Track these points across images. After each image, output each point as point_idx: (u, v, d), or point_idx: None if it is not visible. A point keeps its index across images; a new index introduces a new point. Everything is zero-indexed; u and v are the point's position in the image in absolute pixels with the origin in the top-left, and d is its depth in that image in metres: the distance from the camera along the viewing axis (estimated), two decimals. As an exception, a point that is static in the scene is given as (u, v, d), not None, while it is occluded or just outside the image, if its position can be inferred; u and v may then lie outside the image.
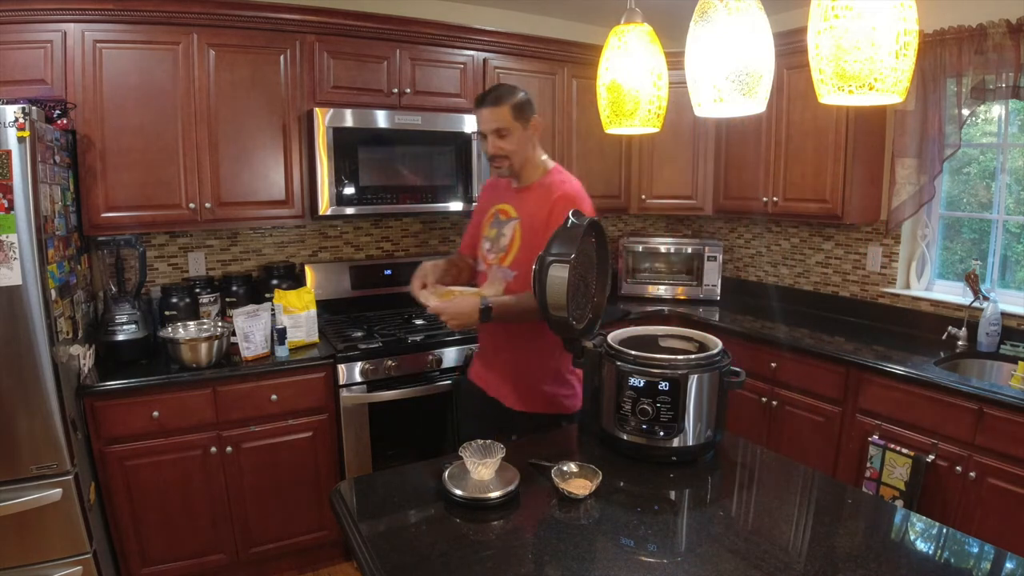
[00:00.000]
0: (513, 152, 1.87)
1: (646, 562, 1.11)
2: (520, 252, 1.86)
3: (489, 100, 1.84)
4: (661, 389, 1.43)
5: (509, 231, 1.91)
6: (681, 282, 3.71)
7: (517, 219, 1.90)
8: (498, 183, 2.04)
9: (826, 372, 2.64)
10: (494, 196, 2.02)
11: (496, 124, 1.84)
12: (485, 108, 1.85)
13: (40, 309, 1.89)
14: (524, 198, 1.92)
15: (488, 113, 1.84)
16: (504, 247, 1.91)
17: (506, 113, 1.83)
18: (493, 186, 2.08)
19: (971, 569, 1.10)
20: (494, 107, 1.83)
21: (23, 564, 1.98)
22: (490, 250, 1.95)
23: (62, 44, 2.25)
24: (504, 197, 1.98)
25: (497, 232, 1.94)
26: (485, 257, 1.97)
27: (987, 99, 2.60)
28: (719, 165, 3.52)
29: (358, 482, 1.38)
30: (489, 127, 1.85)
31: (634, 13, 1.53)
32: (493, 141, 1.85)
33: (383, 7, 2.88)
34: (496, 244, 1.93)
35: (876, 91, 1.02)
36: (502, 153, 1.86)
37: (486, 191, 2.10)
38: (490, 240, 1.96)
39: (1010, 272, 2.81)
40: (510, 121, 1.84)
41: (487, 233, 1.98)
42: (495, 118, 1.84)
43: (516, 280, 1.86)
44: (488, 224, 1.99)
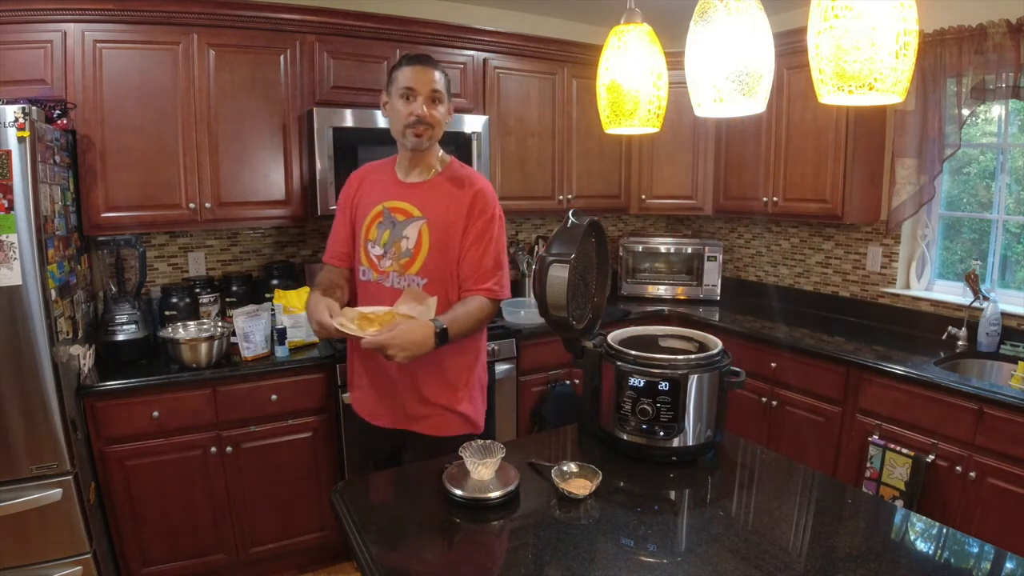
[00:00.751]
0: (438, 124, 1.68)
1: (646, 562, 1.11)
2: (430, 256, 1.67)
3: (429, 61, 1.68)
4: (661, 389, 1.43)
5: (413, 233, 1.68)
6: (681, 282, 3.71)
7: (423, 219, 1.67)
8: (372, 177, 1.79)
9: (826, 372, 2.64)
10: (373, 193, 1.75)
11: (434, 85, 1.65)
12: (424, 66, 1.65)
13: (40, 309, 1.89)
14: (427, 194, 1.70)
15: (425, 73, 1.64)
16: (408, 252, 1.68)
17: (442, 79, 1.68)
18: (368, 181, 1.79)
19: (971, 569, 1.10)
20: (434, 68, 1.66)
21: (23, 564, 1.98)
22: (385, 256, 1.70)
23: (62, 44, 2.25)
24: (393, 193, 1.72)
25: (393, 235, 1.69)
26: (375, 265, 1.71)
27: (987, 99, 2.60)
28: (719, 165, 3.52)
29: (358, 482, 1.38)
30: (426, 87, 1.64)
31: (634, 13, 1.53)
32: (426, 104, 1.64)
33: (383, 7, 2.88)
34: (394, 249, 1.69)
35: (876, 91, 1.01)
36: (430, 121, 1.65)
37: (356, 187, 1.80)
38: (382, 245, 1.70)
39: (1010, 272, 2.81)
40: (445, 90, 1.68)
41: (374, 236, 1.71)
42: (434, 79, 1.65)
43: (427, 289, 1.68)
44: (375, 226, 1.71)
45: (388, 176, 1.76)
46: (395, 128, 1.69)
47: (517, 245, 3.63)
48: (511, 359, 2.92)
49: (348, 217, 1.80)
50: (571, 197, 3.41)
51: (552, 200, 3.37)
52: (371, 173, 1.81)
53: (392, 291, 1.70)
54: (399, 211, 1.70)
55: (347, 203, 1.81)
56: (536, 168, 3.30)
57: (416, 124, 1.64)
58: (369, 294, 1.75)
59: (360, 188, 1.80)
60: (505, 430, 2.94)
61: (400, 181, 1.74)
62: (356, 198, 1.79)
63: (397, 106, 1.66)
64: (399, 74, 1.66)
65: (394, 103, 1.68)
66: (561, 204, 3.39)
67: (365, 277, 1.75)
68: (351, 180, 1.84)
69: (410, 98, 1.65)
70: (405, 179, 1.74)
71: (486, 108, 3.10)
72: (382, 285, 1.72)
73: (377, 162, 1.86)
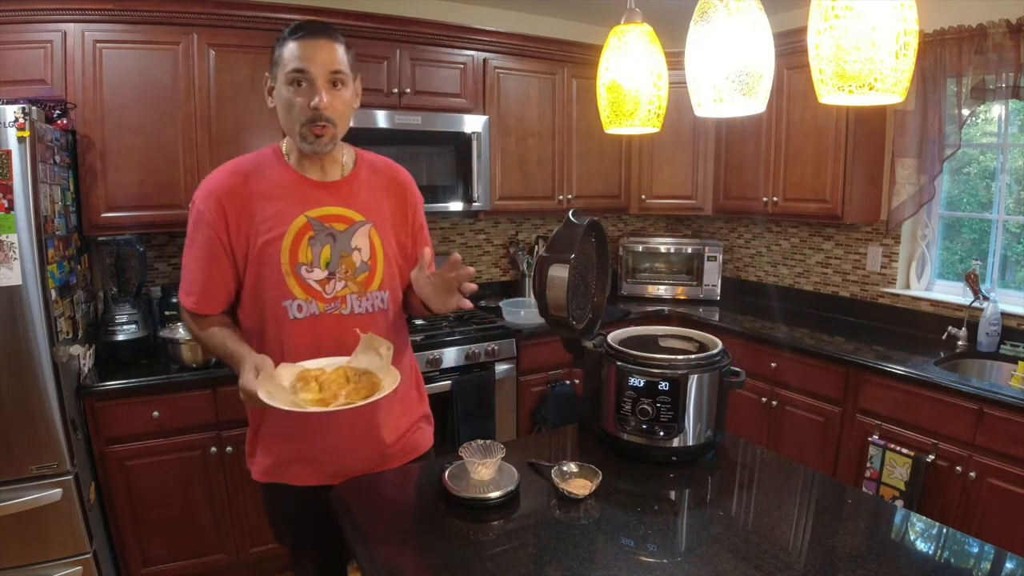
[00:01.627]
0: (342, 118, 1.33)
1: (646, 562, 1.11)
2: (387, 266, 1.43)
3: (325, 30, 1.29)
4: (661, 389, 1.43)
5: (364, 242, 1.40)
6: (681, 282, 3.71)
7: (368, 223, 1.40)
8: (259, 185, 1.34)
9: (826, 372, 2.64)
10: (275, 203, 1.33)
11: (336, 66, 1.28)
12: (318, 38, 1.27)
13: (40, 309, 1.89)
14: (354, 192, 1.41)
15: (321, 49, 1.26)
16: (366, 266, 1.40)
17: (344, 55, 1.31)
18: (255, 191, 1.33)
19: (971, 569, 1.10)
20: (333, 40, 1.29)
21: (23, 564, 1.98)
22: (334, 278, 1.37)
23: (62, 44, 2.25)
24: (314, 198, 1.36)
25: (337, 249, 1.37)
26: (318, 293, 1.35)
27: (987, 99, 2.60)
28: (719, 165, 3.52)
29: (358, 482, 1.38)
30: (325, 69, 1.26)
31: (634, 13, 1.53)
32: (326, 93, 1.27)
33: (383, 7, 2.88)
34: (344, 267, 1.37)
35: (876, 91, 1.02)
36: (331, 115, 1.29)
37: (231, 203, 1.32)
38: (324, 265, 1.36)
39: (1010, 272, 2.81)
40: (348, 68, 1.32)
41: (307, 258, 1.34)
42: (335, 58, 1.28)
43: (392, 303, 1.46)
44: (303, 244, 1.34)
45: (290, 178, 1.36)
46: (286, 123, 1.33)
47: (517, 245, 3.63)
48: (511, 359, 2.92)
49: (225, 247, 1.33)
50: (571, 197, 3.41)
51: (552, 200, 3.37)
52: (251, 179, 1.34)
53: (356, 320, 1.38)
54: (335, 218, 1.37)
55: (220, 227, 1.31)
56: (536, 168, 3.30)
57: (313, 122, 1.28)
58: (314, 334, 1.36)
59: (244, 202, 1.32)
60: (505, 430, 2.94)
61: (315, 181, 1.38)
62: (240, 216, 1.32)
63: (284, 94, 1.28)
64: (284, 51, 1.27)
65: (282, 92, 1.30)
66: (561, 204, 3.39)
67: (301, 314, 1.34)
68: (216, 195, 1.32)
69: (301, 83, 1.27)
70: (323, 178, 1.39)
71: (486, 108, 3.09)
72: (338, 315, 1.37)
73: (245, 162, 1.38)
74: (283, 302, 1.34)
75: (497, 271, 3.70)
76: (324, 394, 1.20)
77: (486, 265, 3.66)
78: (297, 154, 1.38)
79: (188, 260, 1.37)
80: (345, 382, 1.23)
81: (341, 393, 1.20)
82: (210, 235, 1.32)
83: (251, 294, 1.36)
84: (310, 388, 1.22)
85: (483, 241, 3.63)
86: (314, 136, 1.29)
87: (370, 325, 1.38)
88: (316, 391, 1.21)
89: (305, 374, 1.24)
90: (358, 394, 1.21)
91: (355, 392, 1.21)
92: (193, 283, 1.37)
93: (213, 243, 1.32)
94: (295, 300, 1.34)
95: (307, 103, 1.27)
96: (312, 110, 1.27)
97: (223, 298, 1.38)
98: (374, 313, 1.42)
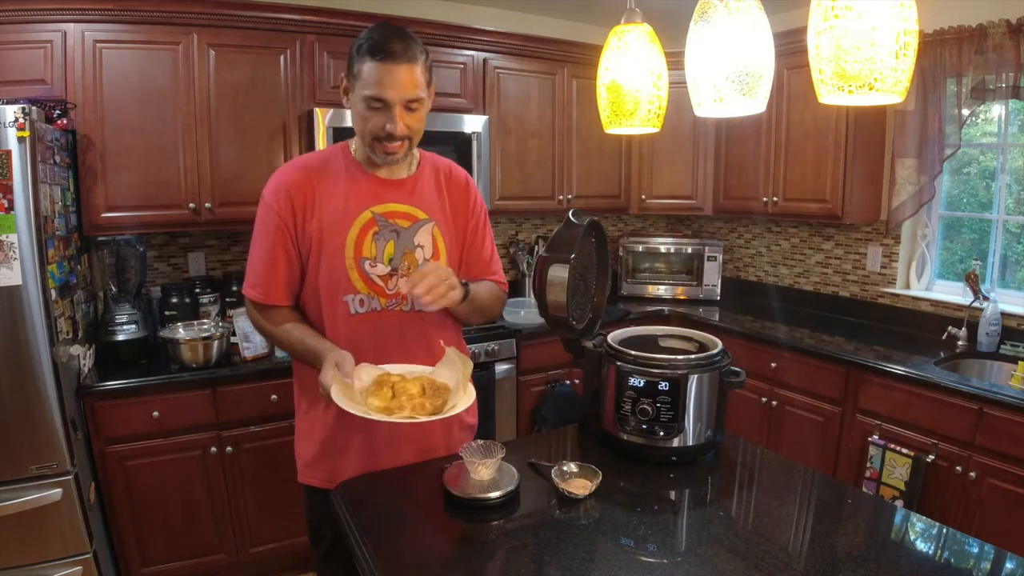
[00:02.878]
0: (418, 132, 1.36)
1: (646, 562, 1.11)
2: (448, 264, 1.46)
3: (402, 52, 1.26)
4: (661, 389, 1.43)
5: (427, 239, 1.43)
6: (681, 282, 3.71)
7: (431, 221, 1.44)
8: (326, 180, 1.38)
9: (826, 372, 2.64)
10: (341, 197, 1.37)
11: (414, 92, 1.29)
12: (397, 63, 1.26)
13: (40, 309, 1.89)
14: (423, 190, 1.45)
15: (400, 74, 1.26)
16: (427, 261, 1.44)
17: (423, 74, 1.32)
18: (321, 186, 1.37)
19: (971, 569, 1.10)
20: (410, 62, 1.28)
21: (23, 564, 1.98)
22: (396, 274, 1.40)
23: (62, 44, 2.25)
24: (379, 195, 1.40)
25: (400, 245, 1.40)
26: (380, 289, 1.38)
27: (987, 99, 2.60)
28: (719, 165, 3.52)
29: (358, 482, 1.38)
30: (402, 96, 1.28)
31: (634, 13, 1.53)
32: (401, 116, 1.30)
33: (383, 7, 2.88)
34: (407, 264, 1.41)
35: (876, 91, 1.02)
36: (408, 134, 1.33)
37: (303, 196, 1.36)
38: (387, 261, 1.39)
39: (1010, 272, 2.81)
40: (425, 85, 1.34)
41: (371, 252, 1.38)
42: (414, 82, 1.29)
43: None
44: (368, 239, 1.37)
45: (356, 173, 1.40)
46: (359, 131, 1.36)
47: (517, 245, 3.63)
48: (511, 359, 2.92)
49: (291, 239, 1.36)
50: (571, 197, 3.41)
51: (552, 200, 3.37)
52: (319, 175, 1.38)
53: (415, 318, 1.42)
54: (399, 215, 1.41)
55: (288, 220, 1.35)
56: (536, 168, 3.30)
57: (386, 141, 1.32)
58: (374, 329, 1.39)
59: (310, 196, 1.36)
60: (505, 430, 2.94)
61: (382, 179, 1.41)
62: (306, 210, 1.36)
63: (360, 109, 1.31)
64: (363, 69, 1.27)
65: (357, 106, 1.32)
66: (561, 204, 3.39)
67: (363, 309, 1.38)
68: (285, 188, 1.36)
69: (378, 107, 1.29)
70: (390, 176, 1.42)
71: (486, 108, 3.09)
72: (399, 312, 1.40)
73: (315, 158, 1.44)
74: (344, 296, 1.37)
75: (497, 271, 3.69)
76: (393, 403, 1.21)
77: (486, 265, 3.65)
78: (363, 153, 1.41)
79: (255, 253, 1.39)
80: (419, 393, 1.23)
81: (409, 405, 1.20)
82: (278, 226, 1.35)
83: (313, 287, 1.39)
84: (382, 394, 1.22)
85: (483, 241, 3.62)
86: (385, 154, 1.34)
87: (427, 322, 1.43)
88: (387, 398, 1.22)
89: (383, 378, 1.26)
90: (424, 409, 1.20)
91: (421, 407, 1.20)
92: (259, 275, 1.38)
93: (280, 235, 1.36)
94: (357, 295, 1.37)
95: (382, 125, 1.30)
96: (386, 132, 1.30)
97: (289, 290, 1.39)
98: (432, 311, 1.38)
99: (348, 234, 1.36)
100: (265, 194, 1.38)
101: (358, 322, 1.38)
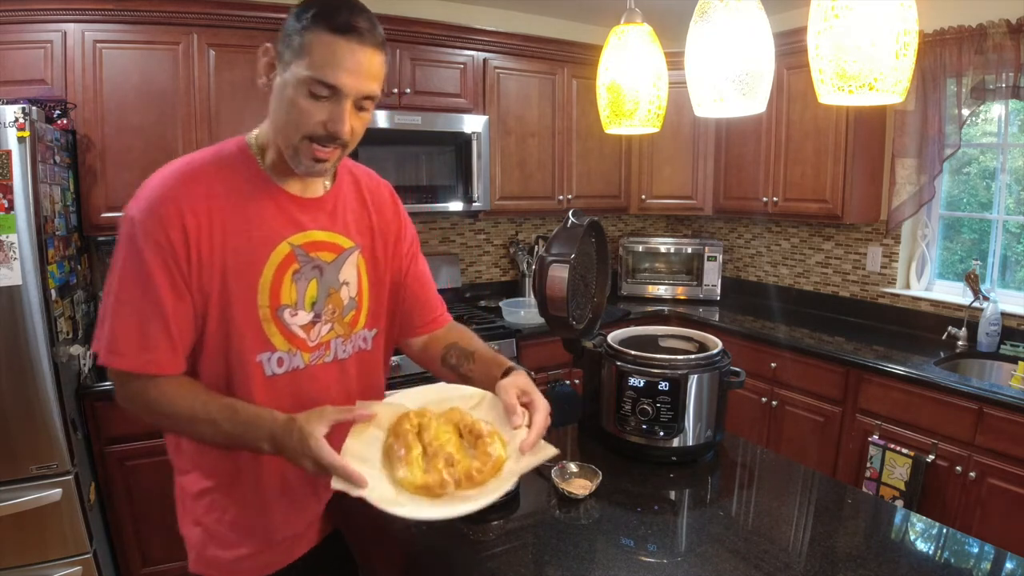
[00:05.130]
0: (357, 139, 1.03)
1: (646, 562, 1.11)
2: (373, 299, 1.18)
3: (373, 35, 1.00)
4: (661, 389, 1.43)
5: (351, 273, 1.13)
6: (681, 282, 3.71)
7: (355, 248, 1.14)
8: (221, 202, 1.00)
9: (826, 372, 2.64)
10: (246, 226, 1.01)
11: (373, 86, 0.99)
12: (368, 47, 0.98)
13: (40, 309, 1.89)
14: (339, 209, 1.13)
15: (367, 61, 0.97)
16: (353, 303, 1.14)
17: (383, 68, 1.02)
18: (217, 211, 1.00)
19: (971, 569, 1.10)
20: (377, 50, 1.00)
21: (23, 564, 1.98)
22: (320, 320, 1.09)
23: (62, 44, 2.25)
24: (296, 221, 1.06)
25: (324, 285, 1.09)
26: (302, 342, 1.07)
27: (987, 99, 2.60)
28: (719, 165, 3.52)
29: (358, 482, 1.37)
30: (360, 89, 0.97)
31: (634, 13, 1.53)
32: (354, 116, 0.99)
33: (383, 7, 2.87)
34: (331, 307, 1.10)
35: (876, 91, 1.02)
36: (346, 140, 1.00)
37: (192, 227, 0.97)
38: (310, 306, 1.07)
39: (1010, 272, 2.81)
40: (381, 83, 1.02)
41: (291, 299, 1.05)
42: (375, 73, 0.99)
43: (377, 341, 1.21)
44: (287, 281, 1.04)
45: (263, 188, 1.04)
46: (281, 125, 1.00)
47: (517, 245, 3.63)
48: (511, 359, 2.91)
49: (183, 280, 0.97)
50: (571, 197, 3.41)
51: (552, 200, 3.37)
52: (216, 190, 1.00)
53: (335, 368, 1.13)
54: (322, 246, 1.08)
55: (179, 254, 0.96)
56: (536, 168, 3.30)
57: (321, 142, 0.98)
58: (296, 394, 1.08)
59: (205, 221, 0.98)
60: (505, 430, 2.94)
61: (296, 196, 1.07)
62: (200, 241, 0.98)
63: (297, 98, 0.96)
64: (314, 43, 0.95)
65: (289, 91, 0.97)
66: (561, 204, 3.39)
67: (282, 369, 1.06)
68: (171, 209, 0.96)
69: (325, 97, 0.96)
70: (305, 192, 1.09)
71: (486, 108, 3.10)
72: (322, 367, 1.10)
73: (206, 164, 1.03)
74: (257, 356, 1.03)
75: (497, 271, 3.70)
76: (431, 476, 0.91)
77: (486, 265, 3.66)
78: (274, 157, 1.05)
79: (126, 301, 0.96)
80: (454, 435, 0.97)
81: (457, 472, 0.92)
82: (164, 262, 0.96)
83: (214, 347, 1.02)
84: (411, 459, 0.93)
85: (483, 241, 3.63)
86: (314, 160, 0.99)
87: (347, 370, 1.15)
88: (419, 460, 0.93)
89: (402, 425, 0.96)
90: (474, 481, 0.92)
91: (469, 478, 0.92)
92: (135, 333, 0.96)
93: (167, 273, 0.96)
94: (274, 352, 1.05)
95: (323, 121, 0.97)
96: (326, 131, 0.97)
97: (185, 351, 1.01)
98: (357, 355, 1.17)
99: (261, 276, 1.02)
100: (136, 216, 0.96)
101: (277, 387, 1.06)
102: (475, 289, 3.58)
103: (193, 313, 1.00)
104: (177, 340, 0.99)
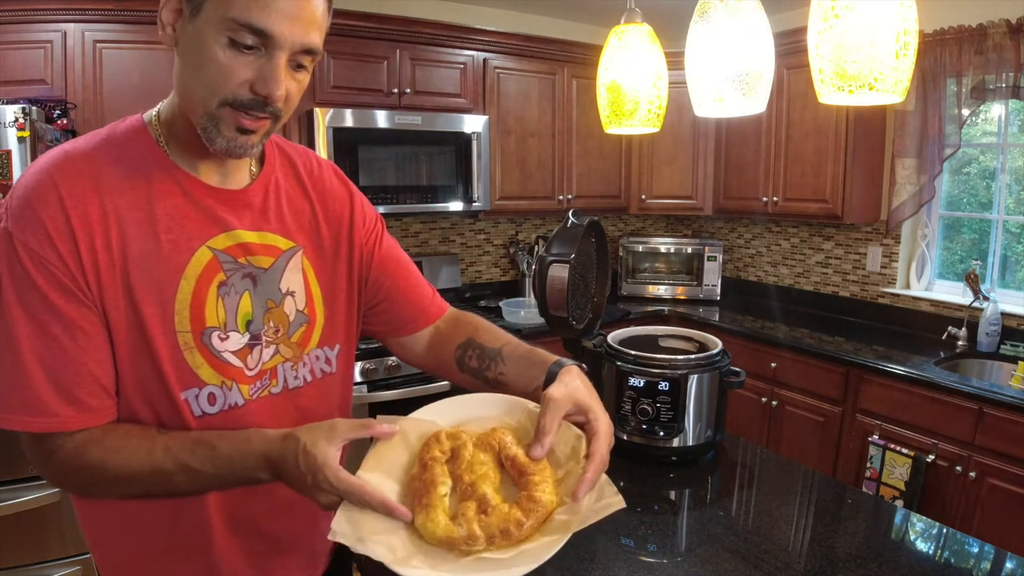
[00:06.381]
0: (292, 109, 0.81)
1: (646, 562, 1.11)
2: (329, 308, 0.94)
3: None
4: (661, 389, 1.43)
5: (296, 279, 0.89)
6: (681, 282, 3.71)
7: (296, 248, 0.90)
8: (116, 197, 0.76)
9: (826, 372, 2.64)
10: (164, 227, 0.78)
11: (314, 38, 0.77)
12: None
13: (40, 309, 1.89)
14: (271, 199, 0.89)
15: (310, 5, 0.75)
16: (303, 315, 0.90)
17: (325, 18, 0.80)
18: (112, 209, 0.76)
19: (971, 569, 1.10)
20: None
21: (22, 564, 1.98)
22: (259, 343, 0.85)
23: (62, 44, 2.25)
24: (219, 220, 0.83)
25: (260, 296, 0.86)
26: (239, 372, 0.83)
27: (987, 99, 2.60)
28: (719, 165, 3.52)
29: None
30: (299, 39, 0.74)
31: (634, 13, 1.53)
32: (289, 77, 0.76)
33: (383, 7, 2.88)
34: (274, 322, 0.87)
35: (876, 91, 1.02)
36: (280, 108, 0.77)
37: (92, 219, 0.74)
38: (244, 326, 0.84)
39: (1010, 272, 2.81)
40: (322, 38, 0.80)
41: (219, 320, 0.81)
42: (317, 21, 0.77)
43: (340, 359, 0.96)
44: (212, 296, 0.81)
45: (172, 178, 0.81)
46: (194, 93, 0.77)
47: (517, 245, 3.63)
48: (511, 359, 2.92)
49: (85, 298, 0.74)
50: (571, 197, 3.41)
51: (552, 200, 3.38)
52: (111, 182, 0.77)
53: (288, 400, 0.90)
54: (253, 248, 0.85)
55: (72, 268, 0.73)
56: (536, 168, 3.30)
57: (249, 109, 0.75)
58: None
59: (99, 223, 0.75)
60: (505, 430, 2.94)
61: (214, 187, 0.84)
62: (95, 251, 0.74)
63: (215, 51, 0.73)
64: None
65: (208, 43, 0.73)
66: (561, 204, 3.39)
67: (215, 408, 0.82)
68: (54, 212, 0.73)
69: (251, 47, 0.73)
70: (225, 182, 0.85)
71: (486, 108, 3.10)
72: (268, 400, 0.87)
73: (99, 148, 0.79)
74: (182, 394, 0.80)
75: (497, 271, 3.70)
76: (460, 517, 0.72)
77: (486, 265, 3.66)
78: (182, 135, 0.81)
79: (24, 341, 0.72)
80: (493, 468, 0.76)
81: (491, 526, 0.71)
82: (59, 284, 0.73)
83: (131, 385, 0.79)
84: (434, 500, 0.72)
85: (483, 241, 3.63)
86: (237, 131, 0.76)
87: (302, 403, 0.91)
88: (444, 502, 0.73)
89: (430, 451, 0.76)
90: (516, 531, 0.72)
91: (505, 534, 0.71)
92: (58, 379, 0.74)
93: (64, 294, 0.73)
94: (204, 388, 0.81)
95: (250, 80, 0.74)
96: (254, 94, 0.75)
97: (111, 390, 0.78)
98: (317, 382, 0.93)
99: (178, 292, 0.79)
100: (11, 228, 0.72)
101: (208, 427, 0.82)
102: (475, 289, 3.58)
103: (109, 338, 0.77)
104: (102, 376, 0.76)
